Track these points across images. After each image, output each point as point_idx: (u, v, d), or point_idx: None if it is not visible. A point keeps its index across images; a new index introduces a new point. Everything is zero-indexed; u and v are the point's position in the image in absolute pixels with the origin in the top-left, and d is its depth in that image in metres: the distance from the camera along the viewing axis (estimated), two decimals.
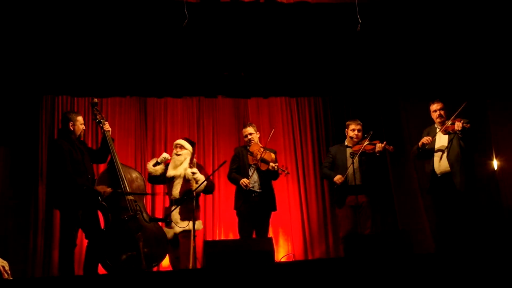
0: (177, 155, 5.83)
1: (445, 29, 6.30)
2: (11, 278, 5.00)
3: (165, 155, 5.91)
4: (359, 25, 5.47)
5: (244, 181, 5.77)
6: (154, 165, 5.87)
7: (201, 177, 5.70)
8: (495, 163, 6.56)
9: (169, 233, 5.59)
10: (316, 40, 6.42)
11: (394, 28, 6.31)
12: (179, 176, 5.74)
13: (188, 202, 5.57)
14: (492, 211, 6.35)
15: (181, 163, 5.79)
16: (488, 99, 6.63)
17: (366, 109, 7.32)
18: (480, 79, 6.63)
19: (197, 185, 5.59)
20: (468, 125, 5.38)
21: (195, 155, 6.02)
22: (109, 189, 5.14)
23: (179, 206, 5.59)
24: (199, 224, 5.71)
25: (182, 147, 5.88)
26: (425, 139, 5.62)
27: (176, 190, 5.71)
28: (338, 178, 5.75)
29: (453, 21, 6.19)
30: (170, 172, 5.78)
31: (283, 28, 6.18)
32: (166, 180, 5.84)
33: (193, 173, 5.67)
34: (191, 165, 5.80)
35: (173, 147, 5.96)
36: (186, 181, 5.73)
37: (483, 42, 6.39)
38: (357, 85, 7.19)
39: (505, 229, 6.09)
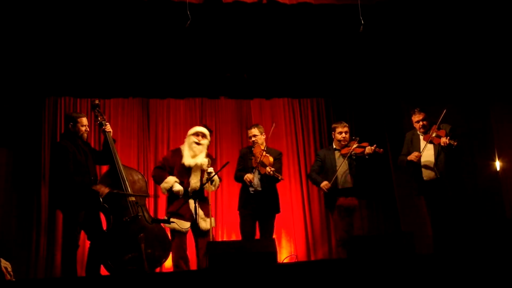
0: (198, 144, 5.69)
1: (447, 31, 6.30)
2: (14, 279, 5.02)
3: (179, 189, 5.63)
4: (361, 26, 5.47)
5: (247, 176, 5.74)
6: (168, 190, 5.65)
7: (216, 178, 5.67)
8: (498, 164, 6.55)
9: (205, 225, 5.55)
10: (319, 41, 6.43)
11: (397, 30, 6.31)
12: (197, 166, 5.67)
13: (202, 197, 5.58)
14: (494, 212, 6.35)
15: (200, 152, 5.70)
16: (490, 100, 6.62)
17: (368, 111, 7.32)
18: (483, 80, 6.63)
19: (208, 182, 5.52)
20: (456, 142, 5.35)
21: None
22: (107, 189, 5.13)
23: (197, 200, 5.53)
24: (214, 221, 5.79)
25: (204, 136, 5.76)
26: (414, 157, 5.63)
27: (196, 183, 5.64)
28: (324, 184, 5.78)
29: (455, 23, 6.19)
30: (188, 161, 5.65)
31: (285, 29, 6.18)
32: (178, 169, 5.72)
33: (209, 173, 5.52)
34: (208, 159, 5.72)
35: (192, 133, 5.77)
36: (201, 171, 5.69)
37: (486, 44, 6.38)
38: (359, 87, 7.19)
39: (508, 229, 6.07)
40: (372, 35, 6.00)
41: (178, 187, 5.60)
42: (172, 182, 5.62)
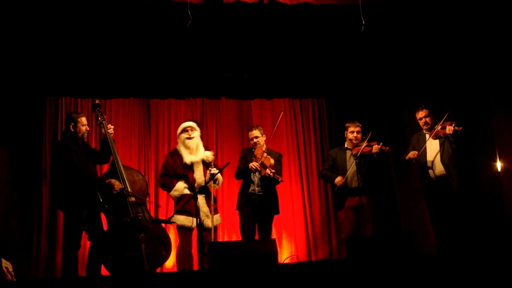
0: (190, 138, 5.74)
1: (449, 31, 6.29)
2: (15, 279, 5.03)
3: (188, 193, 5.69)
4: (362, 27, 5.47)
5: (253, 164, 5.72)
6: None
7: (220, 178, 5.71)
8: (499, 165, 6.53)
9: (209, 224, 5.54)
10: (320, 42, 6.42)
11: (398, 30, 6.30)
12: (199, 161, 5.70)
13: (208, 193, 5.58)
14: (495, 212, 6.34)
15: (196, 146, 5.74)
16: (491, 100, 6.61)
17: (369, 111, 7.31)
18: (484, 81, 6.61)
19: (212, 181, 5.53)
20: (460, 127, 5.38)
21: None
22: (121, 185, 5.16)
23: (204, 196, 5.57)
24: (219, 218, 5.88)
25: (193, 129, 5.80)
26: (412, 154, 5.66)
27: (201, 178, 5.66)
28: (339, 180, 5.79)
29: (456, 23, 6.18)
30: (190, 158, 5.68)
31: (286, 30, 6.18)
32: (181, 168, 5.73)
33: (212, 174, 5.52)
34: (212, 164, 5.69)
35: (181, 131, 5.82)
36: (204, 164, 5.72)
37: (487, 44, 6.37)
38: (360, 87, 7.18)
39: (508, 230, 6.07)
40: (373, 35, 5.99)
41: (187, 192, 5.64)
42: (181, 189, 5.64)
